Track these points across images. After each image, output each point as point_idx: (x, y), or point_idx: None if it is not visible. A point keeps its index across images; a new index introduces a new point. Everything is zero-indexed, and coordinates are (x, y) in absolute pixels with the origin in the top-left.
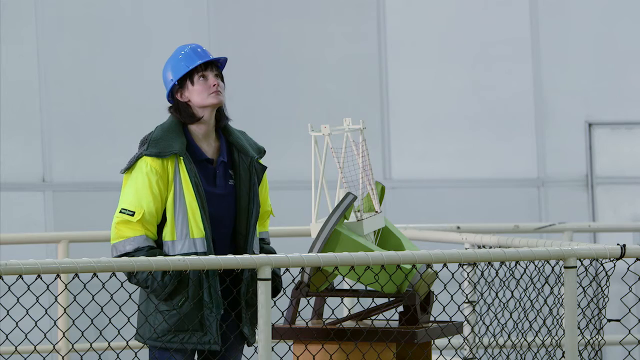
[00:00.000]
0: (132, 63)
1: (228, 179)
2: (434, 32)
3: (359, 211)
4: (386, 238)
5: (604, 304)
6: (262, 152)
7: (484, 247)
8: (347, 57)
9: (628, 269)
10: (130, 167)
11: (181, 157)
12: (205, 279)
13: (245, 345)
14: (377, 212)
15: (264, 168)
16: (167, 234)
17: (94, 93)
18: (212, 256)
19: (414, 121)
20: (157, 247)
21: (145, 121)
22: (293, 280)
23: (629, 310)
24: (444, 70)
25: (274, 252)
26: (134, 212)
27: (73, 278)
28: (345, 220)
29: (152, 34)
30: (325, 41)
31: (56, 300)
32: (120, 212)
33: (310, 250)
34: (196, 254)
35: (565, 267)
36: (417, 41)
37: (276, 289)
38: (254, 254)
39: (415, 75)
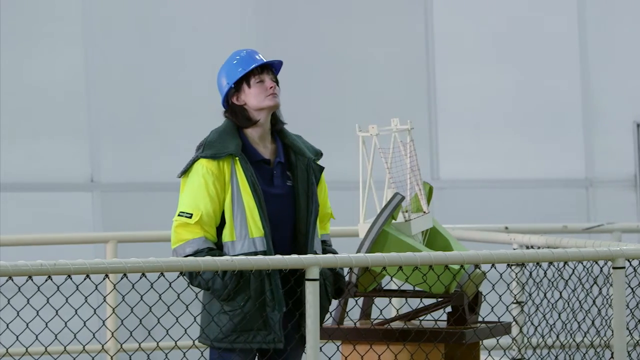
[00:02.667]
0: (179, 63)
1: (286, 179)
2: (482, 32)
3: (406, 211)
4: (434, 238)
5: None
6: (319, 154)
7: (532, 247)
8: (394, 56)
9: None
10: (186, 171)
11: (237, 158)
12: (266, 278)
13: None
14: (425, 212)
15: (322, 168)
16: (226, 235)
17: (141, 93)
18: (260, 256)
19: (462, 121)
20: (217, 248)
21: (192, 121)
22: None
23: None
24: (492, 70)
25: (336, 254)
26: (192, 215)
27: (122, 278)
28: (393, 221)
29: (200, 35)
30: (372, 41)
31: (105, 301)
32: (179, 215)
33: (358, 251)
34: (256, 253)
35: (613, 268)
36: (465, 40)
37: (340, 289)
38: (315, 254)
39: (462, 75)
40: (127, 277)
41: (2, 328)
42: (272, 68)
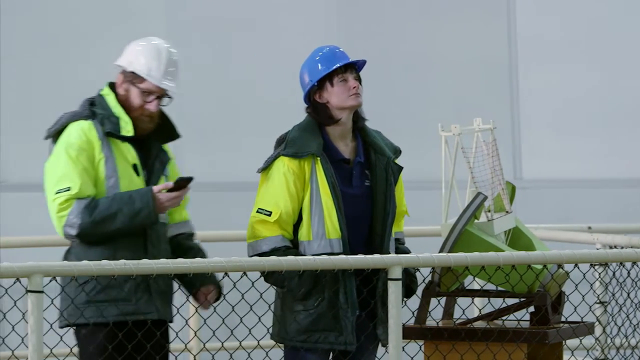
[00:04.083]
0: (261, 62)
1: (364, 179)
2: (564, 31)
3: (489, 211)
4: (517, 238)
5: None
6: (398, 152)
7: (615, 247)
8: (477, 56)
9: None
10: (267, 167)
11: (318, 158)
12: (340, 280)
13: (380, 346)
14: (507, 212)
15: (400, 168)
16: (303, 234)
17: (223, 93)
18: (343, 256)
19: (545, 121)
20: (293, 247)
21: (274, 121)
22: (424, 280)
23: None
24: (574, 70)
25: (409, 253)
26: (271, 212)
27: None
28: (476, 220)
29: (281, 34)
30: (455, 40)
31: (187, 300)
32: (257, 211)
33: (441, 250)
34: (332, 254)
35: None
36: (547, 40)
37: (411, 289)
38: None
39: (545, 75)
40: None
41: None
42: (355, 66)
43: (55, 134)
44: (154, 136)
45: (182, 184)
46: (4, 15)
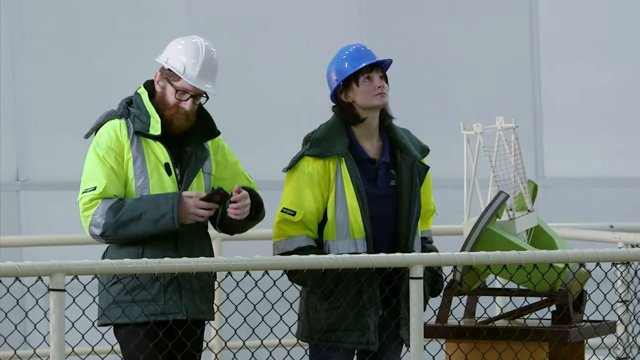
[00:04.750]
0: (283, 62)
1: (390, 179)
2: (588, 28)
3: (511, 210)
4: (538, 237)
5: None
6: (425, 151)
7: (637, 246)
8: (498, 54)
9: None
10: (292, 166)
11: (343, 158)
12: (364, 281)
13: (404, 347)
14: (529, 210)
15: (427, 168)
16: (328, 234)
17: (246, 93)
18: (365, 255)
19: (567, 119)
20: (317, 246)
21: (296, 120)
22: (445, 279)
23: None
24: (597, 68)
25: (435, 251)
26: (295, 212)
27: (226, 276)
28: (498, 219)
29: (303, 34)
30: (476, 39)
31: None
32: (282, 211)
33: (463, 249)
34: (356, 254)
35: None
36: (570, 37)
37: (435, 289)
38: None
39: (567, 73)
40: (231, 275)
41: (106, 328)
42: (381, 66)
43: (93, 133)
44: (193, 133)
45: (216, 198)
46: (28, 16)
